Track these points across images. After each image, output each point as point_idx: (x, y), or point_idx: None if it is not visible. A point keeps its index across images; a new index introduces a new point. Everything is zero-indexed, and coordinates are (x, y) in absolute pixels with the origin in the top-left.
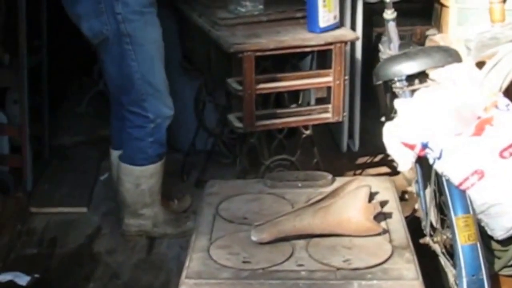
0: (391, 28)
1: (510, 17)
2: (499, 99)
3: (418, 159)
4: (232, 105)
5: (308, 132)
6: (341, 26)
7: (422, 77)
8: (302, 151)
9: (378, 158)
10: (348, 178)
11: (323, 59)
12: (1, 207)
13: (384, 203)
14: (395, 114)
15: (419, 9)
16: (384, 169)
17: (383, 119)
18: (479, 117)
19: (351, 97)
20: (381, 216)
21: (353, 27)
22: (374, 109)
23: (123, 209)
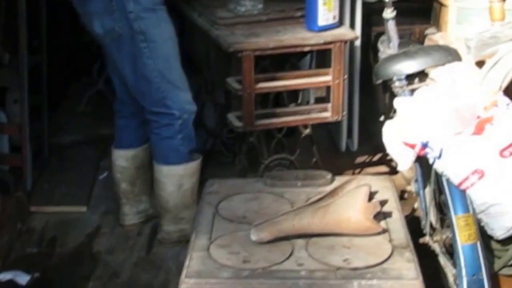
0: (391, 27)
1: (509, 16)
2: (499, 98)
3: (418, 159)
4: (232, 105)
5: (307, 131)
6: (340, 25)
7: (422, 76)
8: (301, 150)
9: (377, 157)
10: (347, 177)
11: (322, 58)
12: (1, 206)
13: (383, 202)
14: (394, 114)
15: (418, 8)
16: (383, 168)
17: (382, 118)
18: (479, 116)
19: (350, 96)
20: (381, 216)
21: (352, 26)
22: (373, 108)
23: (163, 215)
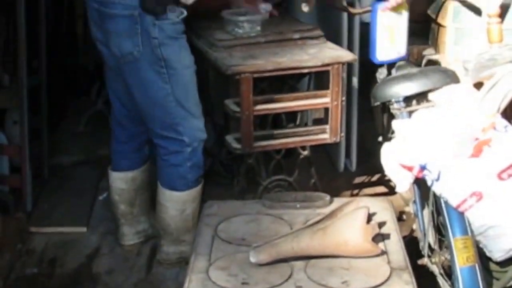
0: None
1: (507, 36)
2: (497, 120)
3: (416, 180)
4: (230, 126)
5: (305, 153)
6: (338, 46)
7: (420, 98)
8: (299, 171)
9: (375, 178)
10: (346, 199)
11: (320, 79)
12: (1, 227)
13: (382, 224)
14: (392, 134)
15: (416, 29)
16: (381, 188)
17: (380, 139)
18: (477, 138)
19: (348, 116)
20: (379, 237)
21: (350, 46)
22: (372, 128)
23: (163, 237)
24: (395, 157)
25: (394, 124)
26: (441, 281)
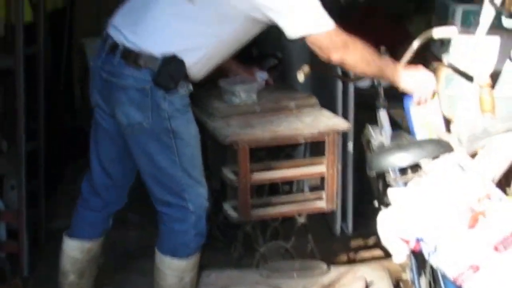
0: (383, 115)
1: (499, 104)
2: (492, 191)
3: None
4: (227, 193)
5: (302, 220)
6: (333, 113)
7: (415, 167)
8: (296, 236)
9: (372, 241)
10: (343, 268)
11: (316, 145)
12: None
13: None
14: (388, 200)
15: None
16: (378, 252)
17: (376, 204)
18: (473, 209)
19: (343, 180)
20: None
21: (345, 114)
22: (367, 193)
23: None
24: (392, 228)
25: (390, 193)
26: None
